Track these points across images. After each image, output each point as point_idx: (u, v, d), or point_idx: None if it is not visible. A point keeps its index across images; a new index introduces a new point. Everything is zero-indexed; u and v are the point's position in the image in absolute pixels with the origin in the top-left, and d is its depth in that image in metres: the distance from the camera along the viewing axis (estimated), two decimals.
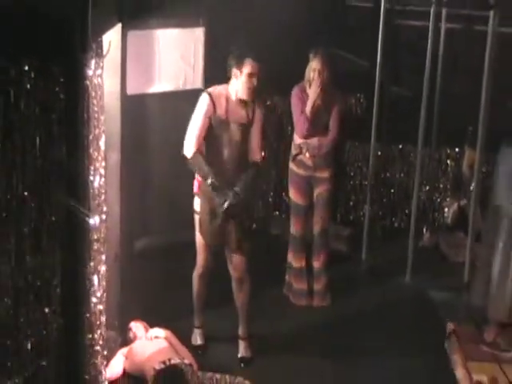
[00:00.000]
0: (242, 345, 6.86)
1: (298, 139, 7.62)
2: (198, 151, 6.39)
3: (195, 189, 6.54)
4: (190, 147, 6.37)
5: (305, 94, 7.51)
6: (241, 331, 6.88)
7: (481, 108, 8.26)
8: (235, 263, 6.68)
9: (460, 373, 6.35)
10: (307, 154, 7.53)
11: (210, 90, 6.46)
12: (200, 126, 6.37)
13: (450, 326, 6.78)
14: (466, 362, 6.84)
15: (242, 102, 6.47)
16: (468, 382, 6.22)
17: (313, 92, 7.43)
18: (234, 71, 6.39)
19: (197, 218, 6.57)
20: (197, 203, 6.54)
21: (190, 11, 6.87)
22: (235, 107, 6.45)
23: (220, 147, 6.43)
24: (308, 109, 7.43)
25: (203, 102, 6.40)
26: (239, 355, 6.83)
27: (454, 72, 9.49)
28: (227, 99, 6.43)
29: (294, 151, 7.65)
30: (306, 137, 7.49)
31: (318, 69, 7.40)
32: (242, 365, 6.75)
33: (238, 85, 6.40)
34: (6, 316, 4.78)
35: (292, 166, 7.67)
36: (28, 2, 4.66)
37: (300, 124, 7.49)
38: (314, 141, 7.53)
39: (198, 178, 6.49)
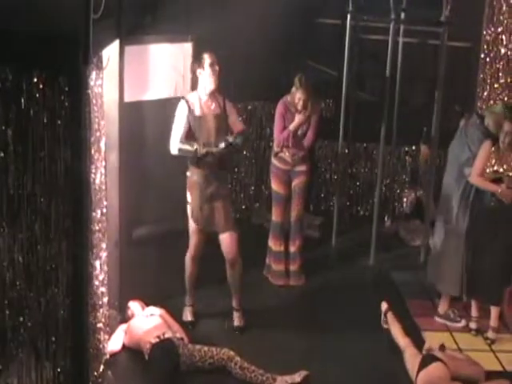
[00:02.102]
0: (236, 315, 6.83)
1: None
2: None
3: (188, 185, 6.59)
4: (174, 146, 6.46)
5: (289, 112, 7.48)
6: (234, 303, 6.85)
7: (434, 111, 8.28)
8: (227, 245, 6.65)
9: (402, 342, 6.34)
10: (287, 153, 7.53)
11: (185, 96, 6.58)
12: (179, 127, 6.47)
13: (384, 305, 6.77)
14: (422, 331, 6.91)
15: (213, 96, 6.55)
16: (411, 348, 6.21)
17: (298, 119, 7.42)
18: (199, 71, 6.46)
19: (189, 207, 6.61)
20: (188, 196, 6.59)
21: (180, 29, 6.86)
22: (208, 102, 6.53)
23: (204, 139, 6.48)
24: (291, 128, 7.44)
25: (180, 107, 6.51)
26: (235, 324, 6.80)
27: (410, 80, 9.49)
28: (200, 98, 6.51)
29: (276, 149, 7.64)
30: (286, 146, 7.50)
31: (303, 99, 7.36)
32: (238, 333, 6.74)
33: (204, 80, 6.47)
34: (19, 297, 4.77)
35: (274, 161, 7.66)
36: (37, 22, 4.64)
37: (282, 138, 7.48)
38: (294, 145, 7.52)
39: (188, 178, 6.58)
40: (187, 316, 6.88)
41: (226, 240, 6.65)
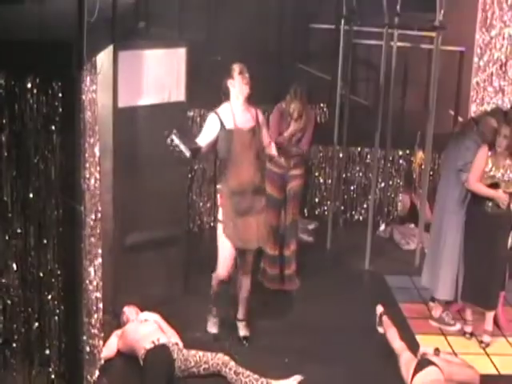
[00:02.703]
0: (241, 325, 6.73)
1: None
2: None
3: (219, 201, 6.44)
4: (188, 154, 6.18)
5: (284, 120, 7.46)
6: (241, 314, 6.75)
7: (428, 115, 8.29)
8: (248, 260, 6.57)
9: (398, 346, 6.33)
10: (283, 158, 7.51)
11: (216, 109, 6.38)
12: (204, 138, 6.30)
13: (379, 308, 6.76)
14: (416, 335, 6.91)
15: (246, 108, 6.41)
16: (406, 352, 6.21)
17: (293, 126, 7.39)
18: (230, 82, 6.35)
19: (220, 226, 6.42)
20: (220, 213, 6.41)
21: (174, 34, 6.88)
22: (240, 115, 6.38)
23: (236, 155, 6.32)
24: (286, 136, 7.42)
25: (211, 121, 6.34)
26: (241, 334, 6.69)
27: (404, 84, 9.51)
28: (232, 111, 6.36)
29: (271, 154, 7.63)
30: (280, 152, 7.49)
31: (297, 110, 7.35)
32: (245, 342, 6.64)
33: (236, 90, 6.36)
34: (13, 304, 4.76)
35: (270, 165, 7.62)
36: (31, 28, 4.64)
37: (277, 144, 7.45)
38: (289, 151, 7.52)
39: (221, 193, 6.40)
40: (212, 328, 6.77)
41: (248, 257, 6.57)
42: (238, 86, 6.36)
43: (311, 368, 6.19)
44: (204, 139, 6.32)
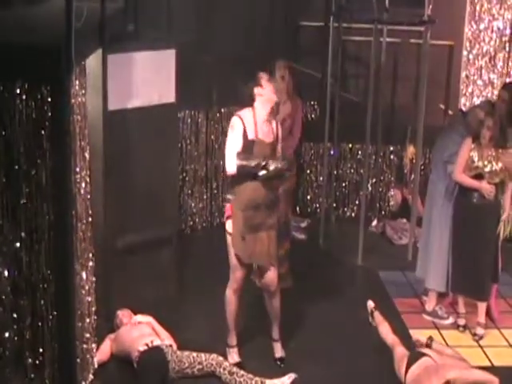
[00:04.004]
0: (277, 346, 6.47)
1: None
2: None
3: (227, 212, 6.19)
4: (231, 165, 6.00)
5: None
6: (275, 334, 6.43)
7: (418, 110, 8.29)
8: (270, 279, 6.25)
9: (391, 341, 6.31)
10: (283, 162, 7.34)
11: (239, 113, 6.10)
12: (235, 143, 5.99)
13: (371, 305, 6.74)
14: (410, 329, 6.92)
15: (268, 120, 6.10)
16: (400, 347, 6.20)
17: (282, 110, 7.12)
18: (256, 91, 6.06)
19: (229, 238, 6.15)
20: (229, 225, 6.12)
21: (163, 36, 6.85)
22: (263, 126, 6.08)
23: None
24: (277, 119, 7.33)
25: (235, 124, 6.02)
26: (277, 356, 6.40)
27: (394, 79, 9.51)
28: (255, 120, 6.06)
29: None
30: None
31: (283, 75, 7.26)
32: (280, 364, 6.36)
33: (264, 99, 6.07)
34: (4, 310, 4.73)
35: None
36: (19, 32, 4.60)
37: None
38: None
39: (230, 202, 6.15)
40: (233, 358, 6.34)
41: (269, 275, 6.27)
42: (266, 94, 6.05)
43: (306, 365, 6.20)
44: (238, 144, 6.00)
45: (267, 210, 6.10)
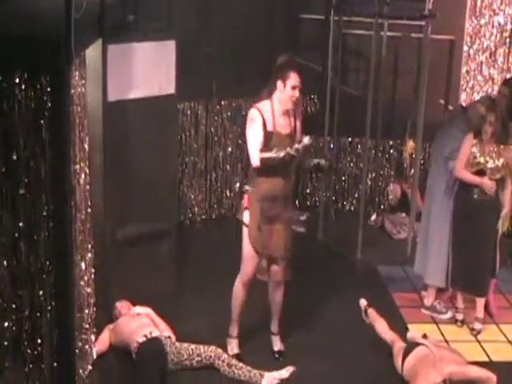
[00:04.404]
0: (276, 340, 6.46)
1: None
2: None
3: (245, 203, 6.14)
4: (256, 159, 5.94)
5: None
6: (274, 328, 6.45)
7: (418, 104, 8.27)
8: (277, 269, 6.27)
9: (389, 337, 6.31)
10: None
11: (257, 105, 6.05)
12: (257, 136, 5.94)
13: (363, 303, 6.73)
14: (408, 324, 6.92)
15: (286, 113, 6.06)
16: (398, 342, 6.20)
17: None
18: (279, 83, 5.97)
19: (245, 229, 6.09)
20: (246, 216, 6.08)
21: (163, 27, 6.81)
22: (280, 118, 6.04)
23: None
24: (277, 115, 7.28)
25: (254, 116, 5.97)
26: (275, 349, 6.40)
27: (394, 73, 9.48)
28: (273, 112, 6.02)
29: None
30: None
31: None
32: (279, 357, 6.36)
33: (282, 96, 5.98)
34: (3, 301, 4.72)
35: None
36: (18, 23, 4.58)
37: None
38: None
39: (247, 193, 6.11)
40: (233, 349, 6.33)
41: (278, 267, 6.27)
42: (285, 97, 5.97)
43: (304, 358, 6.20)
44: (259, 136, 5.95)
45: (284, 203, 6.12)
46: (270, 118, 5.99)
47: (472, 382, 5.71)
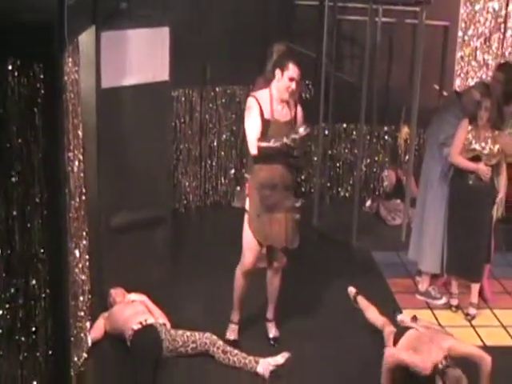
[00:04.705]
0: (271, 326, 6.45)
1: None
2: None
3: (246, 191, 6.14)
4: (254, 147, 5.92)
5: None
6: (270, 314, 6.43)
7: (413, 90, 8.24)
8: (277, 256, 6.24)
9: (380, 322, 6.32)
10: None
11: (254, 93, 6.06)
12: (255, 125, 5.93)
13: (352, 291, 6.73)
14: (403, 309, 6.88)
15: (285, 101, 6.01)
16: (389, 327, 6.20)
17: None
18: (277, 72, 5.93)
19: (246, 216, 6.08)
20: (247, 203, 6.09)
21: (157, 13, 6.77)
22: (279, 106, 6.01)
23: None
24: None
25: (251, 104, 5.96)
26: (270, 335, 6.38)
27: (389, 59, 9.45)
28: (271, 100, 5.99)
29: None
30: None
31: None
32: (274, 344, 6.33)
33: (279, 86, 5.94)
34: None
35: None
36: (11, 9, 4.54)
37: None
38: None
39: (249, 181, 6.09)
40: (231, 334, 6.33)
41: (279, 254, 6.25)
42: (281, 87, 5.93)
43: (299, 344, 6.20)
44: (257, 125, 5.93)
45: (284, 191, 6.08)
46: (267, 106, 5.96)
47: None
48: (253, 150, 5.94)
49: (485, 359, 5.61)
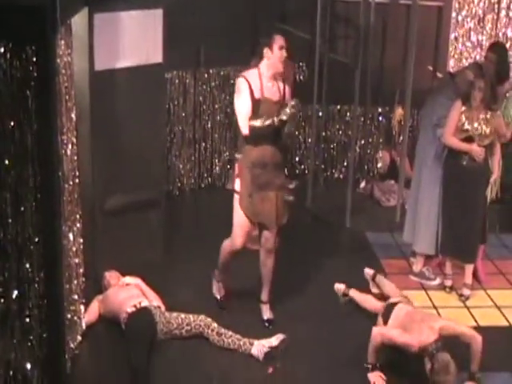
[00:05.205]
0: (265, 308, 6.45)
1: None
2: None
3: (236, 171, 6.17)
4: (245, 127, 5.97)
5: None
6: (265, 296, 6.43)
7: (406, 71, 8.21)
8: (268, 237, 6.24)
9: (379, 306, 6.33)
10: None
11: (244, 73, 6.06)
12: (246, 105, 5.97)
13: (340, 288, 6.73)
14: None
15: (274, 79, 6.06)
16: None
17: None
18: (266, 51, 5.98)
19: (237, 197, 6.11)
20: (237, 183, 6.12)
21: None
22: (268, 85, 6.04)
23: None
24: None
25: (240, 85, 5.98)
26: (265, 317, 6.38)
27: (383, 40, 9.42)
28: (260, 79, 6.02)
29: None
30: None
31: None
32: (269, 326, 6.33)
33: (272, 61, 5.99)
34: None
35: None
36: None
37: None
38: None
39: (238, 161, 6.13)
40: (216, 291, 6.59)
41: (270, 233, 6.25)
42: (273, 60, 5.98)
43: (293, 326, 6.19)
44: (247, 105, 5.96)
45: (275, 170, 6.12)
46: (257, 85, 5.99)
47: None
48: (244, 129, 5.98)
49: (475, 338, 5.63)
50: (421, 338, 5.59)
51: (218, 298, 6.58)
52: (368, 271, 6.84)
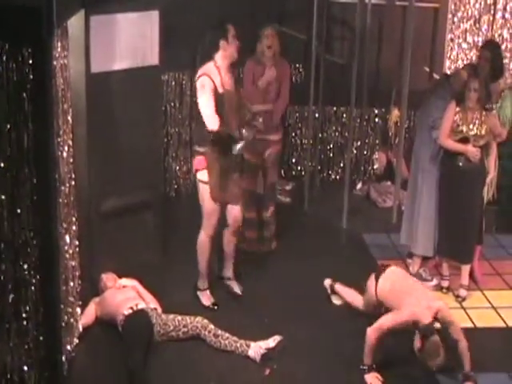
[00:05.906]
0: (234, 283, 6.74)
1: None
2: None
3: (198, 165, 6.33)
4: (213, 122, 6.14)
5: (258, 67, 7.26)
6: (229, 272, 6.77)
7: (403, 72, 8.21)
8: (236, 215, 6.55)
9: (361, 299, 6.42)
10: (260, 120, 7.25)
11: (204, 71, 6.22)
12: (210, 102, 6.14)
13: (327, 282, 6.80)
14: None
15: (230, 71, 6.32)
16: None
17: (267, 73, 7.17)
18: (222, 43, 6.22)
19: (205, 186, 6.33)
20: (203, 175, 6.32)
21: None
22: (227, 78, 6.28)
23: (225, 118, 6.21)
24: (261, 84, 7.20)
25: (204, 83, 6.17)
26: (237, 291, 6.72)
27: (379, 41, 9.43)
28: (220, 73, 6.24)
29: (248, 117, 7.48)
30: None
31: (271, 45, 7.17)
32: (242, 295, 6.70)
33: (227, 52, 6.25)
34: None
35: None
36: None
37: (252, 95, 7.25)
38: (268, 107, 7.35)
39: (205, 156, 6.28)
40: (207, 300, 6.62)
41: (236, 210, 6.55)
42: (229, 50, 6.24)
43: (290, 327, 6.19)
44: (213, 101, 6.16)
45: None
46: (218, 80, 6.21)
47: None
48: (211, 125, 6.16)
49: (462, 341, 5.65)
50: (414, 308, 5.66)
51: (209, 305, 6.59)
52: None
